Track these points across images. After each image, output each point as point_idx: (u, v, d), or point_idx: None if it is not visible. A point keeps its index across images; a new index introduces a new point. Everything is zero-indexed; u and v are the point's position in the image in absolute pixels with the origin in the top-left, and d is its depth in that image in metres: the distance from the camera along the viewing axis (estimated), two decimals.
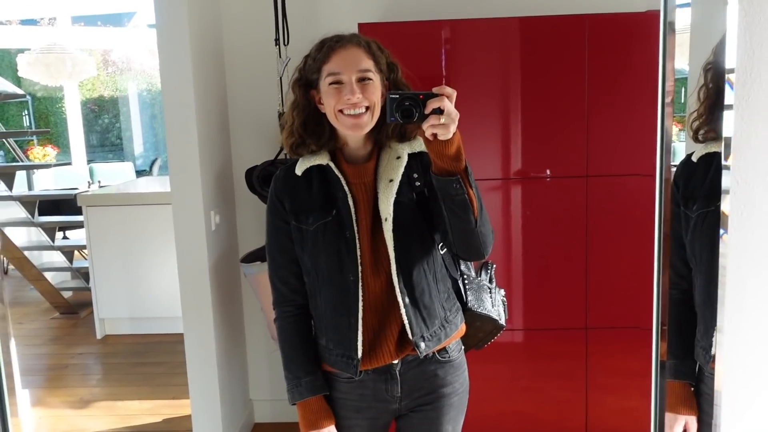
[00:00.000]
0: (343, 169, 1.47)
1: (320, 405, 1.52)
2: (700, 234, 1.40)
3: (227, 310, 2.87)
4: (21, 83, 10.26)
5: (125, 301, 4.58)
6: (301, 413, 1.52)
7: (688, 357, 1.49)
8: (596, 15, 2.48)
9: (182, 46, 2.49)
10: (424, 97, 1.25)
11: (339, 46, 1.42)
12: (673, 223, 1.49)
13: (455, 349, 1.57)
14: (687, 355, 1.49)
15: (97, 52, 11.30)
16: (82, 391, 3.79)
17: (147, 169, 11.02)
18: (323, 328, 1.51)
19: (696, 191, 1.43)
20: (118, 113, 13.73)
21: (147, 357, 4.27)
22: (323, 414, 1.51)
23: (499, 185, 2.61)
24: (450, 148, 1.29)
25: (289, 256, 1.52)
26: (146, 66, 12.57)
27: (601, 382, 2.66)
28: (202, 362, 2.69)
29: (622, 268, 2.55)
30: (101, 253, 4.52)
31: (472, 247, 1.43)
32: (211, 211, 2.68)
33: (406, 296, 1.45)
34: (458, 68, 2.53)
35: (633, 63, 2.44)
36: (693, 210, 1.43)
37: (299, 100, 1.47)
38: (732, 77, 0.73)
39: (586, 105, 2.51)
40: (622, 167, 2.52)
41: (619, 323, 2.60)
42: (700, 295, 1.45)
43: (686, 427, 1.49)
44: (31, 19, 9.26)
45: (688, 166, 1.47)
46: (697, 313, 1.47)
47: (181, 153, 2.56)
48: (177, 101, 2.53)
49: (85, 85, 12.63)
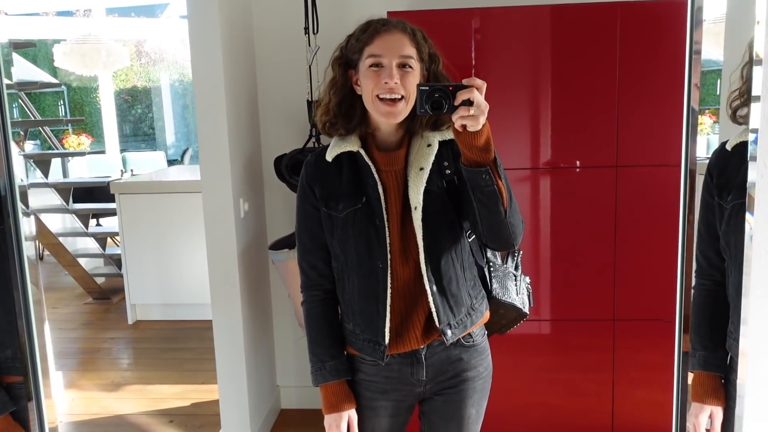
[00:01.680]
0: (373, 156, 1.48)
1: (342, 389, 1.54)
2: (734, 225, 1.38)
3: (255, 296, 2.91)
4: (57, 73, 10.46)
5: (156, 288, 4.66)
6: (324, 395, 1.55)
7: (718, 348, 1.47)
8: (628, 2, 2.44)
9: (213, 37, 2.51)
10: (453, 88, 1.25)
11: (384, 29, 1.42)
12: (707, 214, 1.46)
13: (479, 333, 1.57)
14: (717, 346, 1.47)
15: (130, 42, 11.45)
16: (113, 375, 3.87)
17: (178, 158, 11.16)
18: (351, 314, 1.53)
19: (731, 181, 1.40)
20: (151, 103, 13.93)
21: (177, 342, 4.34)
22: (345, 397, 1.54)
23: (529, 175, 2.59)
24: (479, 140, 1.29)
25: (317, 242, 1.53)
26: (178, 57, 12.71)
27: (629, 375, 2.63)
28: (230, 348, 2.73)
29: (651, 260, 2.52)
30: (133, 240, 4.60)
31: (502, 238, 1.43)
32: (240, 199, 2.71)
33: (434, 284, 1.45)
34: (488, 57, 2.51)
35: (664, 52, 2.39)
36: (727, 201, 1.40)
37: (337, 78, 1.48)
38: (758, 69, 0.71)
39: (617, 95, 2.47)
40: (652, 158, 2.48)
41: (647, 315, 2.56)
42: (733, 286, 1.42)
43: (711, 417, 1.47)
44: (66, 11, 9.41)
45: (722, 155, 1.44)
46: (729, 304, 1.45)
47: (211, 142, 2.59)
48: (208, 91, 2.55)
49: (119, 76, 12.83)
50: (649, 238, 2.52)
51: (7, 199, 1.18)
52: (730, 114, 1.40)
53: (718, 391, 1.47)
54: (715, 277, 1.49)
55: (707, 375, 1.47)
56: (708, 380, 1.47)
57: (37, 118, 6.37)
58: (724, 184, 1.41)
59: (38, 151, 7.58)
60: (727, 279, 1.45)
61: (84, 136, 8.61)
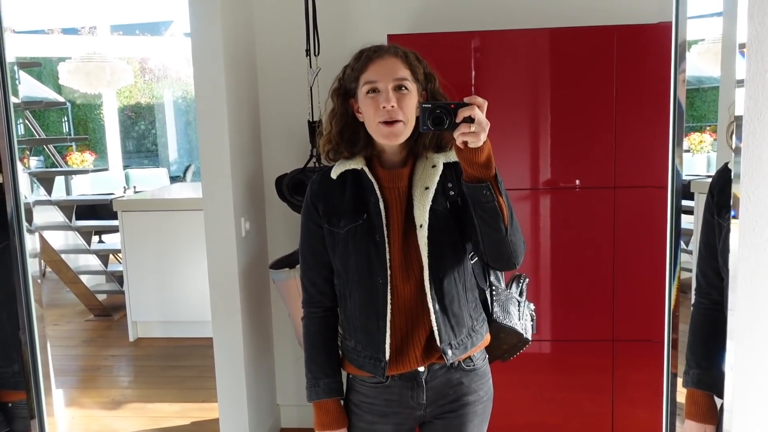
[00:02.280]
0: (377, 174, 1.50)
1: (335, 407, 1.56)
2: None
3: (256, 315, 2.91)
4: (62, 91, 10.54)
5: (157, 305, 4.66)
6: (316, 413, 1.57)
7: (712, 367, 1.47)
8: (625, 26, 2.47)
9: (216, 56, 2.54)
10: (455, 106, 1.29)
11: (377, 56, 1.45)
12: (708, 233, 1.48)
13: (480, 357, 1.58)
14: (711, 365, 1.48)
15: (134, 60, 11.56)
16: (114, 393, 3.87)
17: (181, 175, 11.21)
18: (352, 330, 1.54)
19: (730, 199, 1.41)
20: (154, 120, 14.01)
21: (177, 360, 4.34)
22: (337, 417, 1.55)
23: (528, 195, 2.61)
24: (480, 156, 1.31)
25: (320, 259, 1.55)
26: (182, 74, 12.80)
27: (628, 395, 2.63)
28: (230, 367, 2.73)
29: (650, 281, 2.53)
30: (135, 257, 4.61)
31: (503, 256, 1.44)
32: (242, 218, 2.72)
33: (437, 303, 1.47)
34: (488, 79, 2.54)
35: (661, 74, 2.42)
36: (725, 218, 1.41)
37: (337, 108, 1.51)
38: (744, 52, 0.73)
39: (615, 116, 2.49)
40: (649, 179, 2.50)
41: (645, 336, 2.57)
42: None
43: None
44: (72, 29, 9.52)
45: (724, 174, 1.45)
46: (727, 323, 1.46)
47: (213, 160, 2.61)
48: (210, 109, 2.58)
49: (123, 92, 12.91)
50: (647, 259, 2.54)
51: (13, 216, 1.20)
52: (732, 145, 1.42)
53: (711, 409, 1.47)
54: (712, 295, 1.50)
55: (701, 393, 1.48)
56: (701, 399, 1.48)
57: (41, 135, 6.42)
58: (723, 203, 1.42)
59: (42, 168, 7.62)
60: (726, 298, 1.45)
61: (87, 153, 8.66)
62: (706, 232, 1.49)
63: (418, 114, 1.37)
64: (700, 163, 7.98)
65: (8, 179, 1.21)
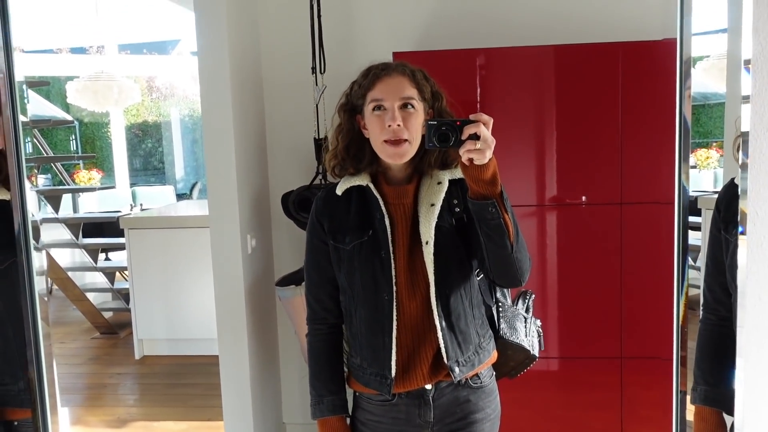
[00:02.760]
0: (382, 190, 1.50)
1: (339, 425, 1.55)
2: None
3: (262, 332, 2.91)
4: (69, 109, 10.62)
5: (163, 323, 4.66)
6: (320, 430, 1.56)
7: (720, 384, 1.46)
8: (630, 43, 2.48)
9: (223, 74, 2.56)
10: (461, 123, 1.29)
11: (384, 74, 1.46)
12: (715, 248, 1.47)
13: (487, 375, 1.57)
14: (719, 381, 1.46)
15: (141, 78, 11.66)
16: (120, 411, 3.85)
17: (187, 192, 11.25)
18: (358, 347, 1.53)
19: (737, 215, 1.41)
20: (161, 138, 14.10)
21: (183, 378, 4.33)
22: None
23: (535, 211, 2.61)
24: (486, 173, 1.31)
25: (325, 276, 1.55)
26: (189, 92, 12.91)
27: (638, 413, 2.61)
28: (236, 385, 2.72)
29: (658, 297, 2.51)
30: (141, 274, 4.62)
31: (509, 274, 1.44)
32: (248, 235, 2.73)
33: (443, 320, 1.46)
34: (493, 96, 2.55)
35: (666, 91, 2.42)
36: (733, 234, 1.40)
37: (344, 124, 1.52)
38: (749, 68, 0.73)
39: (620, 132, 2.50)
40: (655, 195, 2.49)
41: (654, 353, 2.55)
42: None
43: None
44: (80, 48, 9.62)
45: (731, 189, 1.45)
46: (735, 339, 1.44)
47: (219, 177, 2.62)
48: (217, 127, 2.60)
49: (130, 111, 13.02)
50: (655, 275, 2.52)
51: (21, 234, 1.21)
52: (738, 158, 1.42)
53: (720, 426, 1.46)
54: (719, 311, 1.49)
55: (709, 410, 1.47)
56: (710, 416, 1.46)
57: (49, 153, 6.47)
58: (730, 218, 1.42)
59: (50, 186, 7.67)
60: (734, 314, 1.44)
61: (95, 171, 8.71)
62: (713, 247, 1.48)
63: (424, 131, 1.37)
64: (707, 179, 7.97)
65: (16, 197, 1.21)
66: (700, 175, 7.91)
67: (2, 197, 1.44)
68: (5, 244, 1.41)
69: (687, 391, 0.85)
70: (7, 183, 1.44)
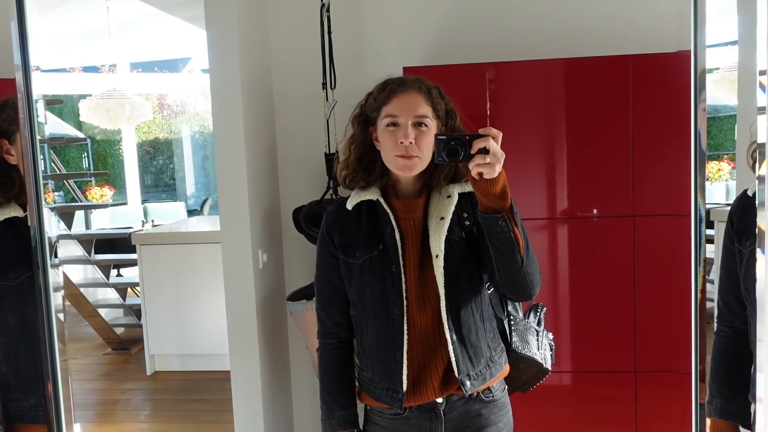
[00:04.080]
0: (392, 204, 1.51)
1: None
2: (753, 271, 1.37)
3: (273, 348, 2.90)
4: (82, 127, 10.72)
5: (175, 338, 4.66)
6: None
7: (735, 396, 1.45)
8: (640, 56, 2.48)
9: (234, 90, 2.58)
10: (470, 137, 1.29)
11: (400, 90, 1.46)
12: (729, 260, 1.46)
13: (499, 388, 1.56)
14: (734, 394, 1.45)
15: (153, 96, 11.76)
16: (131, 427, 3.85)
17: (198, 208, 11.30)
18: (369, 362, 1.53)
19: (750, 226, 1.40)
20: (172, 155, 14.18)
21: (195, 394, 4.32)
22: None
23: (546, 225, 2.60)
24: (495, 187, 1.31)
25: (335, 291, 1.55)
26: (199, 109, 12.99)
27: (652, 428, 2.58)
28: (247, 400, 2.72)
29: (672, 310, 2.49)
30: (153, 290, 4.63)
31: (519, 287, 1.43)
32: (259, 250, 2.73)
33: (454, 333, 1.46)
34: (503, 110, 2.55)
35: (677, 103, 2.42)
36: (746, 246, 1.39)
37: (357, 135, 1.53)
38: (764, 79, 0.73)
39: (631, 145, 2.49)
40: (668, 207, 2.48)
41: (668, 367, 2.52)
42: (754, 334, 1.40)
43: None
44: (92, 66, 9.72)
45: (743, 200, 1.45)
46: (750, 351, 1.43)
47: (230, 193, 2.64)
48: (228, 143, 2.61)
49: (142, 128, 13.11)
50: (669, 288, 2.50)
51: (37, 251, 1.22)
52: (752, 164, 1.41)
53: None
54: (734, 324, 1.48)
55: (725, 423, 1.45)
56: (726, 428, 1.45)
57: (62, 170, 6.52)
58: (744, 230, 1.41)
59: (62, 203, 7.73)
60: (749, 327, 1.43)
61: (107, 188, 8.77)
62: (726, 259, 1.47)
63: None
64: (719, 192, 7.93)
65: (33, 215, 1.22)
66: (712, 187, 7.87)
67: (14, 214, 1.46)
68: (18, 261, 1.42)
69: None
70: (18, 199, 1.46)
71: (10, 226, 1.44)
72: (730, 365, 1.48)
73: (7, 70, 1.21)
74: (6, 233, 1.45)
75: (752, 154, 1.41)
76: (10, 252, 1.46)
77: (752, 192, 1.42)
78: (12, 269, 1.43)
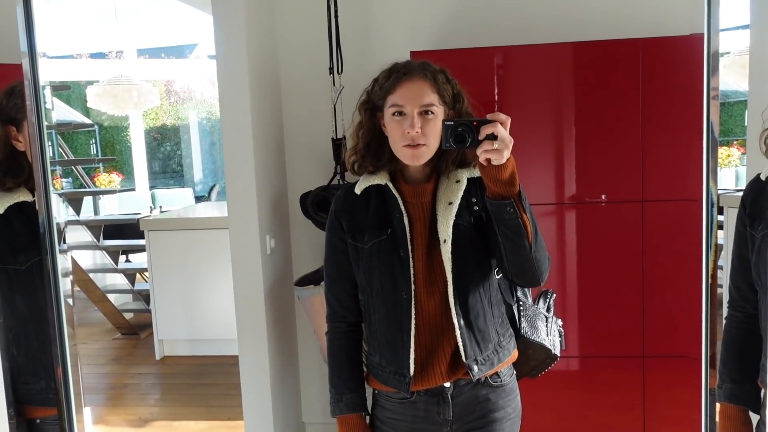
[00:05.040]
0: (401, 189, 1.50)
1: (358, 422, 1.55)
2: (765, 255, 1.36)
3: (281, 332, 2.92)
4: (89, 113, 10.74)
5: (183, 323, 4.69)
6: (340, 428, 1.57)
7: (746, 381, 1.44)
8: (650, 39, 2.46)
9: (241, 76, 2.57)
10: (478, 123, 1.28)
11: (405, 78, 1.44)
12: (741, 245, 1.45)
13: (507, 374, 1.56)
14: (745, 379, 1.45)
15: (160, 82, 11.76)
16: (141, 410, 3.89)
17: (206, 194, 11.33)
18: (377, 346, 1.54)
19: (763, 211, 1.39)
20: (179, 141, 14.20)
21: (203, 378, 4.35)
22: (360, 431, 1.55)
23: (554, 210, 2.59)
24: (504, 173, 1.30)
25: (344, 275, 1.56)
26: (206, 95, 12.99)
27: (660, 413, 2.58)
28: (256, 385, 2.73)
29: (680, 296, 2.49)
30: (161, 275, 4.65)
31: (527, 273, 1.43)
32: (267, 236, 2.74)
33: (462, 318, 1.46)
34: (511, 95, 2.53)
35: (687, 87, 2.40)
36: (758, 230, 1.38)
37: (365, 122, 1.52)
38: None
39: (641, 129, 2.47)
40: (677, 192, 2.46)
41: (677, 352, 2.52)
42: (765, 319, 1.40)
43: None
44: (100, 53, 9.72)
45: (756, 185, 1.43)
46: (761, 337, 1.42)
47: (238, 179, 2.64)
48: (235, 129, 2.61)
49: (149, 114, 13.12)
50: (676, 274, 2.50)
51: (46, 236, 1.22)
52: (765, 150, 1.40)
53: (745, 425, 1.44)
54: (746, 309, 1.47)
55: (734, 408, 1.45)
56: (735, 413, 1.44)
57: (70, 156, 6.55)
58: (756, 214, 1.40)
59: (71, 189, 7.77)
60: (760, 312, 1.42)
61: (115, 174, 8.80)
62: (738, 244, 1.46)
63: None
64: (729, 178, 7.88)
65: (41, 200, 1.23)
66: (721, 173, 7.81)
67: (24, 198, 1.47)
68: (27, 245, 1.43)
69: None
70: (28, 184, 1.47)
71: (20, 210, 1.46)
72: (741, 350, 1.47)
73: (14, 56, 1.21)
74: (16, 218, 1.46)
75: (765, 140, 1.40)
76: (20, 236, 1.47)
77: (765, 176, 1.40)
78: (22, 253, 1.45)
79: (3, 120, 1.47)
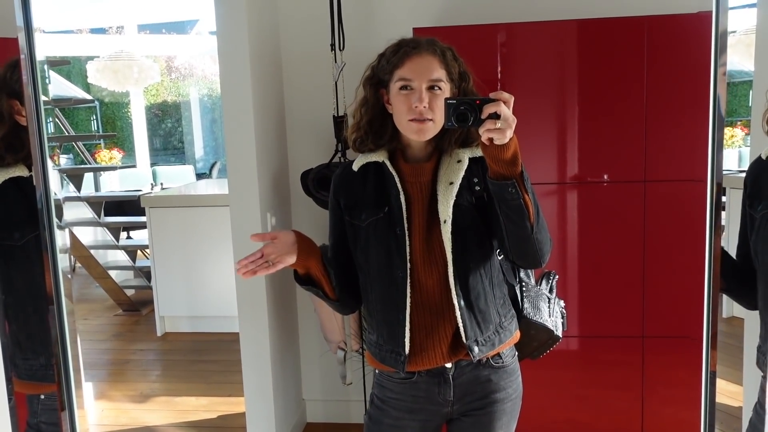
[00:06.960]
0: (399, 168, 1.49)
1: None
2: (763, 235, 1.35)
3: (282, 310, 2.93)
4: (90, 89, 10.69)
5: (184, 300, 4.71)
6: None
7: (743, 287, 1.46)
8: (656, 17, 2.42)
9: (242, 53, 2.55)
10: (480, 102, 1.25)
11: (414, 52, 1.43)
12: (742, 224, 1.45)
13: (509, 354, 1.56)
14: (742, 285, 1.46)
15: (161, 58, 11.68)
16: (142, 386, 3.92)
17: (207, 171, 11.31)
18: (375, 324, 1.54)
19: (762, 191, 1.38)
20: (180, 118, 14.15)
21: (204, 355, 4.38)
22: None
23: (556, 189, 2.58)
24: (506, 153, 1.29)
25: (340, 248, 1.56)
26: (207, 72, 12.92)
27: (658, 393, 2.59)
28: (256, 361, 2.75)
29: (680, 276, 2.49)
30: (162, 252, 4.66)
31: (529, 255, 1.42)
32: (268, 213, 2.73)
33: (462, 299, 1.45)
34: (514, 73, 2.51)
35: (693, 66, 2.37)
36: (757, 210, 1.38)
37: (369, 97, 1.50)
38: None
39: (645, 109, 2.45)
40: (680, 172, 2.45)
41: (676, 332, 2.53)
42: (762, 299, 1.39)
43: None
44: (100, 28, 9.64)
45: (757, 165, 1.42)
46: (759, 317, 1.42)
47: (239, 156, 2.62)
48: (236, 106, 2.59)
49: (150, 91, 13.07)
50: (678, 254, 2.49)
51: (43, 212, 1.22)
52: (767, 130, 1.38)
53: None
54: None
55: None
56: None
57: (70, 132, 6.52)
58: (756, 194, 1.39)
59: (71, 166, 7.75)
60: (758, 291, 1.42)
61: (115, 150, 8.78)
62: (743, 224, 1.46)
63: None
64: (732, 158, 7.85)
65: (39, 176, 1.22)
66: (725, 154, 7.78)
67: (19, 173, 1.46)
68: (23, 221, 1.43)
69: (716, 372, 0.83)
70: (27, 160, 1.46)
71: (16, 185, 1.45)
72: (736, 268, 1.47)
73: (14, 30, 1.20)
74: (11, 193, 1.45)
75: (767, 121, 1.38)
76: (15, 212, 1.47)
77: (766, 156, 1.39)
78: (17, 229, 1.44)
79: (7, 93, 1.45)
